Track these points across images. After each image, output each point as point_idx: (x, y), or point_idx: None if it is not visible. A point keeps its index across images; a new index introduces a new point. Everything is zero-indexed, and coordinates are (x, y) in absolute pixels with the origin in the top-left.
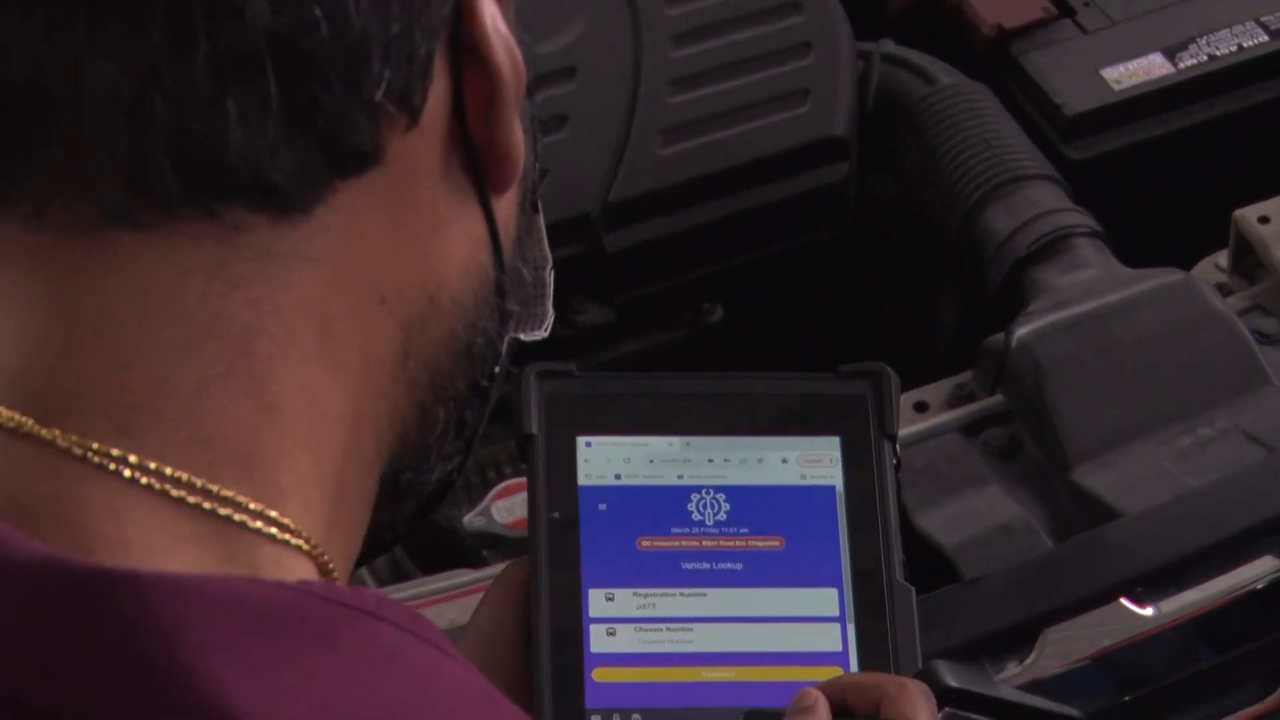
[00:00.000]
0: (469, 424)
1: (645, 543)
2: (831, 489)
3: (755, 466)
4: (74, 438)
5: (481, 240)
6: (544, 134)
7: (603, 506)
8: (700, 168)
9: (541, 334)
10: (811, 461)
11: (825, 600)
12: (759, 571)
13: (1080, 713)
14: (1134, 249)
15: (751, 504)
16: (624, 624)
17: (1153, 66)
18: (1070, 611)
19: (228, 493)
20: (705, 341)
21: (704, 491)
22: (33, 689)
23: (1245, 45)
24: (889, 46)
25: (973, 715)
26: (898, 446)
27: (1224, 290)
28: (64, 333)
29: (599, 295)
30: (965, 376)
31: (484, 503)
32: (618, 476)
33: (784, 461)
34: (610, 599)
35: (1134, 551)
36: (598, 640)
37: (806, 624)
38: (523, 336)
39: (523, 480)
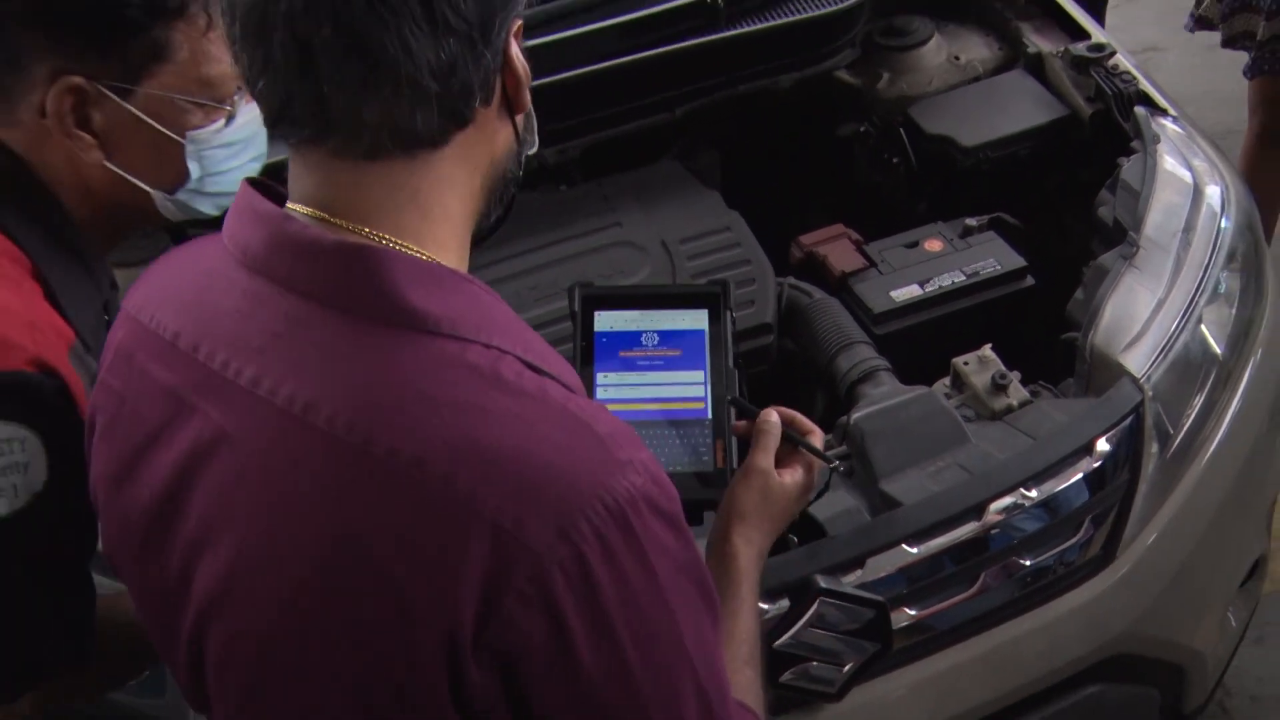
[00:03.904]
0: (506, 199)
1: (623, 354)
2: (702, 331)
3: (670, 320)
4: (350, 224)
5: (510, 133)
6: None
7: (604, 340)
8: None
9: (534, 149)
10: (694, 320)
11: (696, 375)
12: (672, 363)
13: (883, 598)
14: (906, 376)
15: (668, 337)
16: (611, 385)
17: (913, 290)
18: (878, 551)
19: (416, 247)
20: None
21: (648, 333)
22: (310, 288)
23: (955, 281)
24: (791, 280)
25: (833, 600)
26: (734, 314)
27: (948, 396)
28: (352, 192)
29: None
30: (829, 436)
31: None
32: (611, 326)
33: (683, 319)
34: (606, 377)
35: (908, 522)
36: (600, 393)
37: (688, 385)
38: (527, 153)
39: None
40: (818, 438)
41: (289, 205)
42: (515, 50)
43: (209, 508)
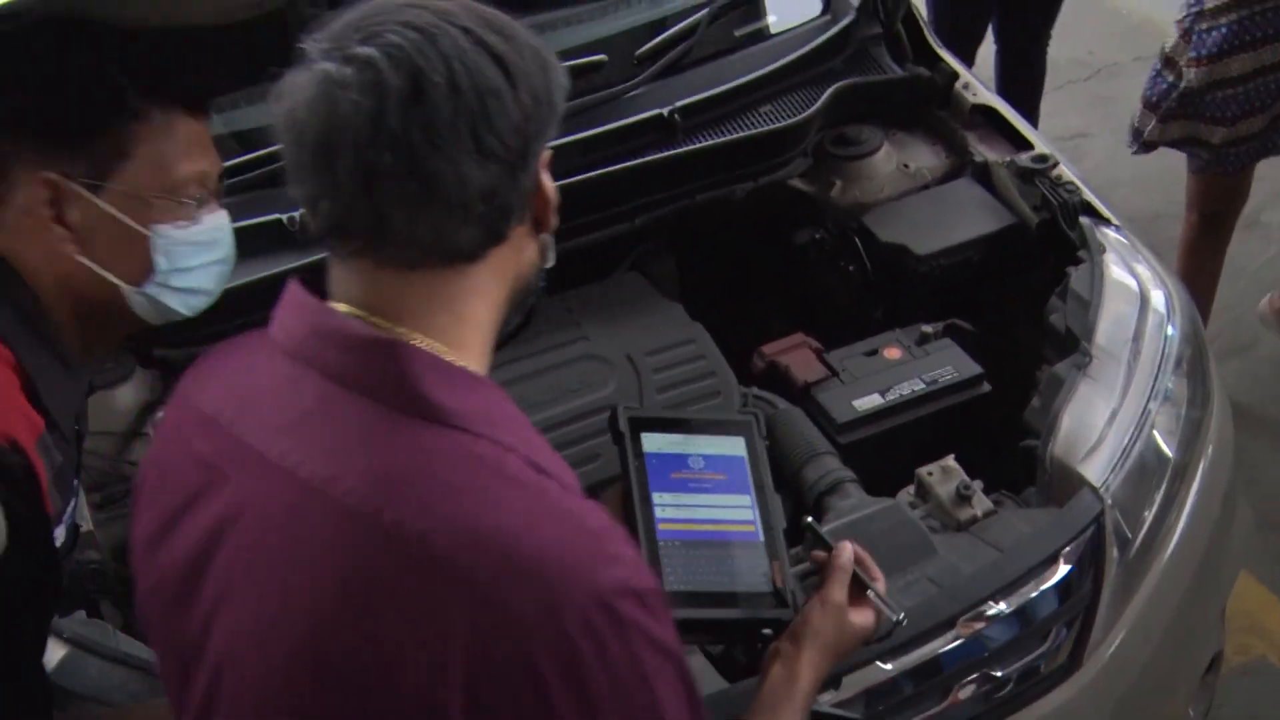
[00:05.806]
0: (525, 307)
1: (674, 475)
2: (742, 457)
3: (714, 444)
4: (386, 323)
5: (535, 250)
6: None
7: (654, 460)
8: None
9: (553, 264)
10: (733, 446)
11: (744, 499)
12: (718, 486)
13: (860, 716)
14: (869, 483)
15: (713, 460)
16: (669, 506)
17: (875, 399)
18: (853, 669)
19: (444, 346)
20: None
21: (694, 456)
22: (342, 374)
23: (915, 389)
24: (755, 390)
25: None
26: (766, 438)
27: (913, 506)
28: (394, 297)
29: None
30: (799, 548)
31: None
32: (659, 448)
33: (722, 444)
34: (663, 497)
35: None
36: (659, 512)
37: (738, 508)
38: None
39: None
40: (882, 584)
41: (330, 303)
42: (546, 176)
43: (231, 568)
